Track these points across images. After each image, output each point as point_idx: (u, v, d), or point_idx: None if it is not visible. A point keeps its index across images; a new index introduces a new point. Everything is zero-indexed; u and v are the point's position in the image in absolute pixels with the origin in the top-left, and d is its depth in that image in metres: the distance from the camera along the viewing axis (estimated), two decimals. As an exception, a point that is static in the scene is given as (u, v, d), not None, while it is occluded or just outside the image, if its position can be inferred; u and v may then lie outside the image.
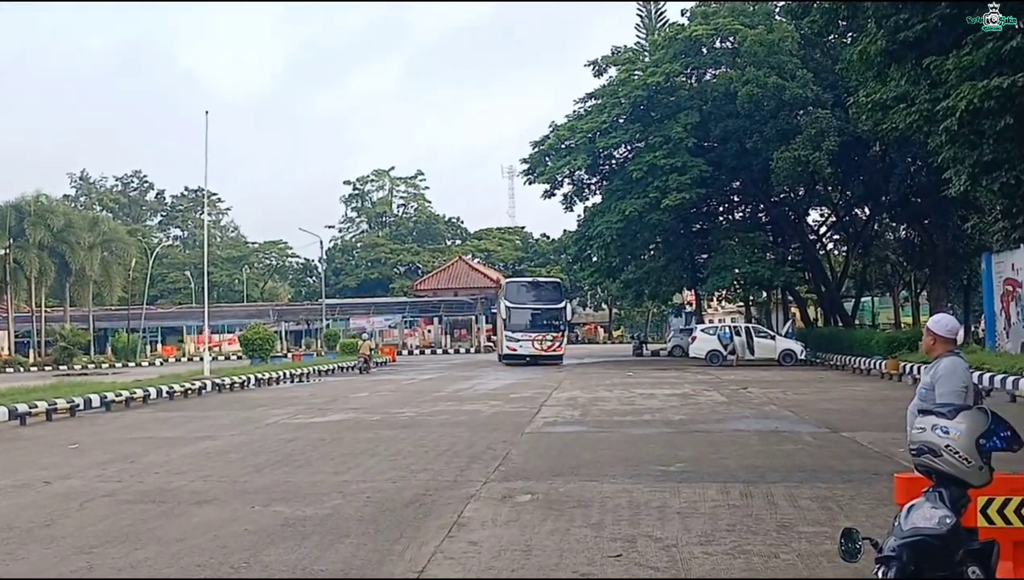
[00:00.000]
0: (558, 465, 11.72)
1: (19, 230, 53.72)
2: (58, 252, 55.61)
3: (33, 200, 55.54)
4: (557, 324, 43.30)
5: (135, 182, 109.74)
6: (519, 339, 42.40)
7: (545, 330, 42.62)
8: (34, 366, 50.31)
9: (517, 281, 49.70)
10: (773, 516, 8.47)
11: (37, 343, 56.32)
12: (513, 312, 43.17)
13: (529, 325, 42.81)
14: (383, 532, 8.13)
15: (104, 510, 9.40)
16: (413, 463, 12.12)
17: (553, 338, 42.70)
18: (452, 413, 19.33)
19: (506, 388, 26.81)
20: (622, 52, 47.36)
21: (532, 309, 43.20)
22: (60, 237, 55.19)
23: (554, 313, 43.36)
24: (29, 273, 53.95)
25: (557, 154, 45.32)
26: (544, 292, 44.73)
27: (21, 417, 18.87)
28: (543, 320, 42.94)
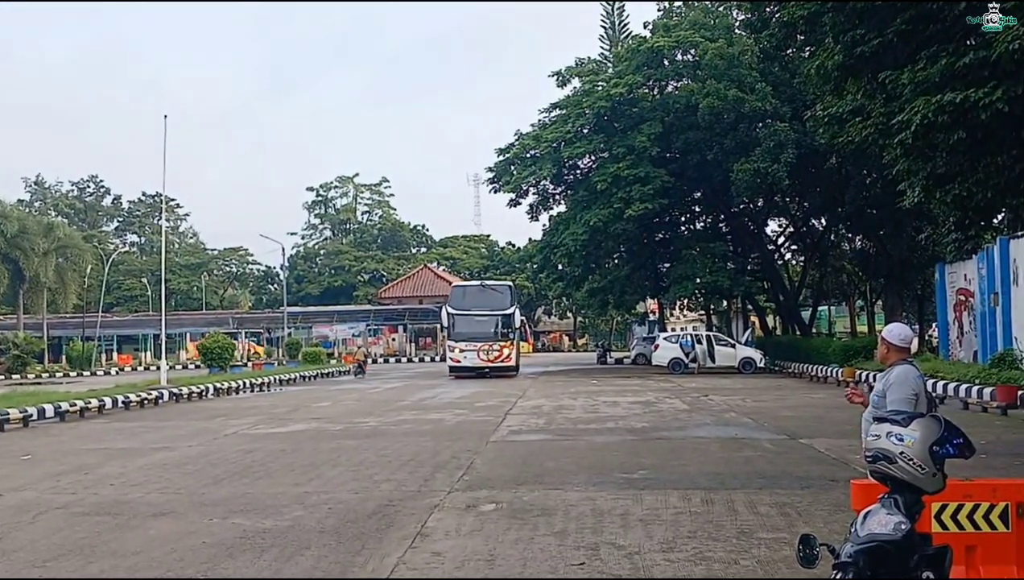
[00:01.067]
0: (522, 474, 11.72)
1: (-29, 236, 52.90)
2: (11, 258, 54.80)
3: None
4: (506, 332, 39.51)
5: (91, 187, 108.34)
6: (463, 350, 38.96)
7: (492, 339, 39.10)
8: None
9: (463, 285, 46.40)
10: (733, 522, 8.54)
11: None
12: (457, 319, 39.58)
13: (474, 334, 39.23)
14: (345, 544, 8.08)
15: (58, 523, 9.25)
16: (376, 473, 12.07)
17: (501, 347, 39.12)
18: (416, 422, 19.27)
19: (471, 397, 26.75)
20: (586, 63, 47.66)
21: (477, 316, 39.46)
22: (13, 243, 54.41)
23: (502, 319, 39.50)
24: (-19, 280, 53.13)
25: (522, 163, 45.39)
26: (491, 297, 40.87)
27: (-27, 427, 18.51)
28: (489, 328, 39.29)
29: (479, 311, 39.56)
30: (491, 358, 38.69)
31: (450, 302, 41.02)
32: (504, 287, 42.78)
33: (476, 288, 43.36)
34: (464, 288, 43.59)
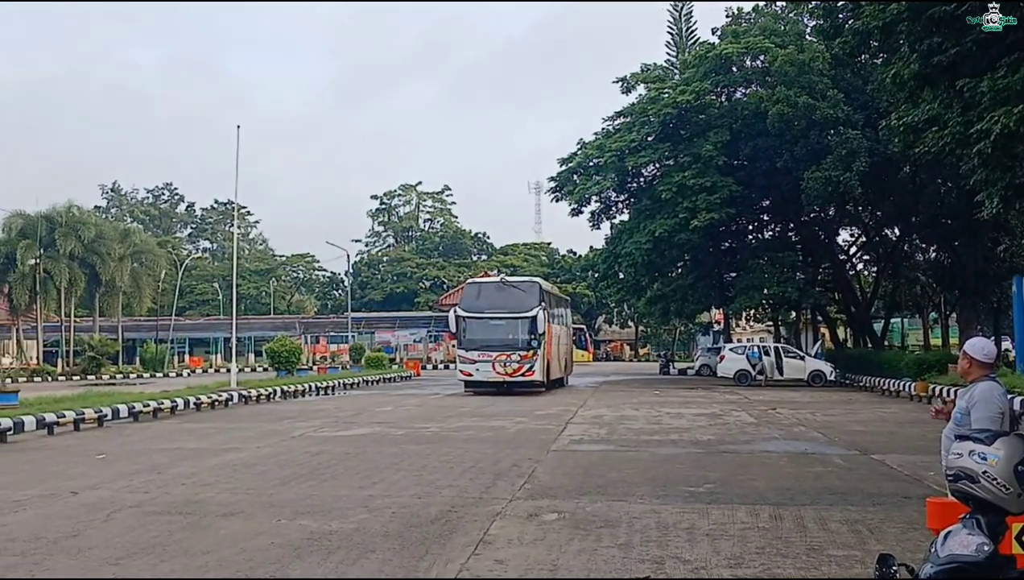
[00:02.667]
0: (585, 484, 11.66)
1: (50, 240, 54.21)
2: (88, 263, 56.09)
3: (64, 211, 56.00)
4: (529, 339, 32.47)
5: (166, 194, 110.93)
6: (475, 360, 32.63)
7: (511, 347, 32.52)
8: (62, 376, 50.67)
9: (477, 282, 38.25)
10: (803, 539, 8.38)
11: (66, 353, 56.78)
12: (469, 324, 33.01)
13: (489, 341, 32.72)
14: (409, 548, 8.11)
15: (131, 521, 9.43)
16: (438, 479, 12.10)
17: (523, 358, 32.31)
18: (477, 429, 19.30)
19: (530, 404, 26.72)
20: (652, 70, 47.36)
21: (492, 318, 32.98)
22: (91, 248, 55.67)
23: (524, 323, 32.60)
24: (59, 283, 54.41)
25: (585, 172, 45.23)
26: (512, 296, 33.63)
27: (49, 426, 18.99)
28: (507, 333, 32.76)
29: (496, 314, 32.94)
30: (510, 371, 32.29)
31: (462, 302, 34.41)
32: (529, 284, 35.31)
33: (494, 285, 35.54)
34: (479, 286, 36.07)
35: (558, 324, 36.57)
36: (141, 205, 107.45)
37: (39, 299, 55.21)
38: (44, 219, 54.57)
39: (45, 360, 56.97)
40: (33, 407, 20.53)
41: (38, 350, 58.03)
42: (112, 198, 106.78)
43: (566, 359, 39.37)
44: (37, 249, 53.88)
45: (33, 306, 55.86)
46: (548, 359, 33.57)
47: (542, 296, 33.82)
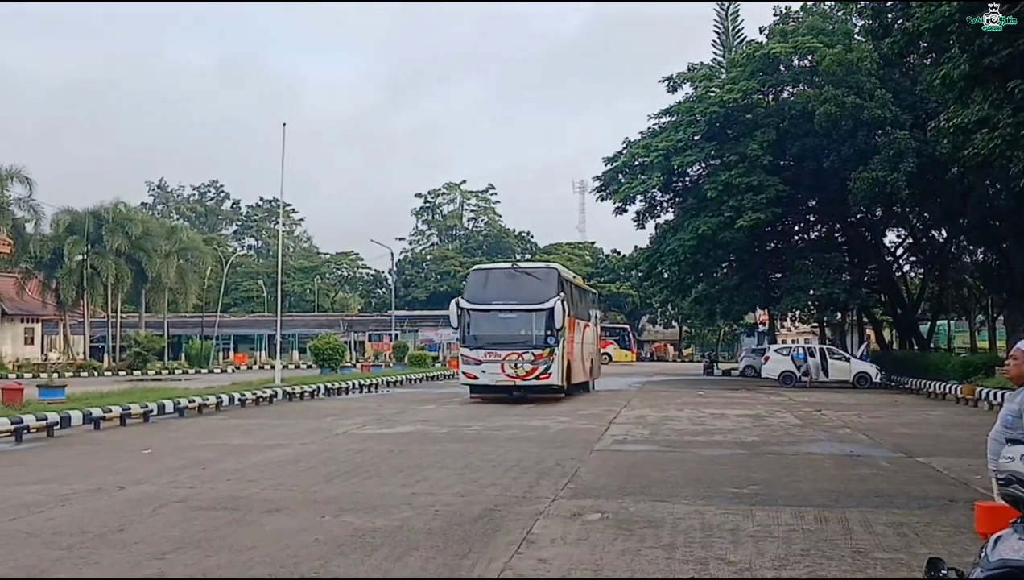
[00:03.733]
0: (628, 484, 11.61)
1: (97, 237, 55.00)
2: (135, 259, 56.86)
3: (112, 208, 56.81)
4: (544, 335, 27.26)
5: (212, 192, 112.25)
6: (481, 360, 27.65)
7: (523, 345, 27.27)
8: (109, 371, 51.39)
9: (484, 268, 32.91)
10: (848, 542, 8.29)
11: (112, 348, 57.63)
12: (473, 317, 28.01)
13: (497, 337, 27.59)
14: (452, 546, 8.12)
15: (176, 516, 9.53)
16: (481, 477, 12.11)
17: (537, 357, 27.15)
18: (520, 428, 19.29)
19: (573, 404, 26.67)
20: (698, 69, 47.08)
21: (501, 311, 27.87)
22: (137, 244, 56.44)
23: (537, 317, 27.41)
24: (106, 279, 55.21)
25: (630, 171, 45.07)
26: (524, 285, 28.31)
27: (95, 421, 19.28)
28: (519, 328, 27.59)
29: (506, 305, 27.80)
30: (521, 373, 27.27)
31: (466, 292, 29.22)
32: (545, 271, 29.86)
33: (503, 272, 30.62)
34: (486, 272, 30.90)
35: (582, 319, 32.15)
36: (187, 202, 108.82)
37: (86, 295, 56.07)
38: (91, 215, 55.38)
39: (92, 355, 57.82)
40: (80, 402, 20.83)
41: (85, 345, 58.92)
42: (158, 195, 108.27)
43: (591, 360, 34.31)
44: (85, 245, 54.67)
45: (80, 302, 56.74)
46: (568, 359, 28.71)
47: (561, 285, 28.42)
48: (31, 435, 17.16)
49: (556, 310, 27.08)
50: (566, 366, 28.35)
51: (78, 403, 20.68)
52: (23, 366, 49.53)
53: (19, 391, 20.24)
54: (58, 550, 7.96)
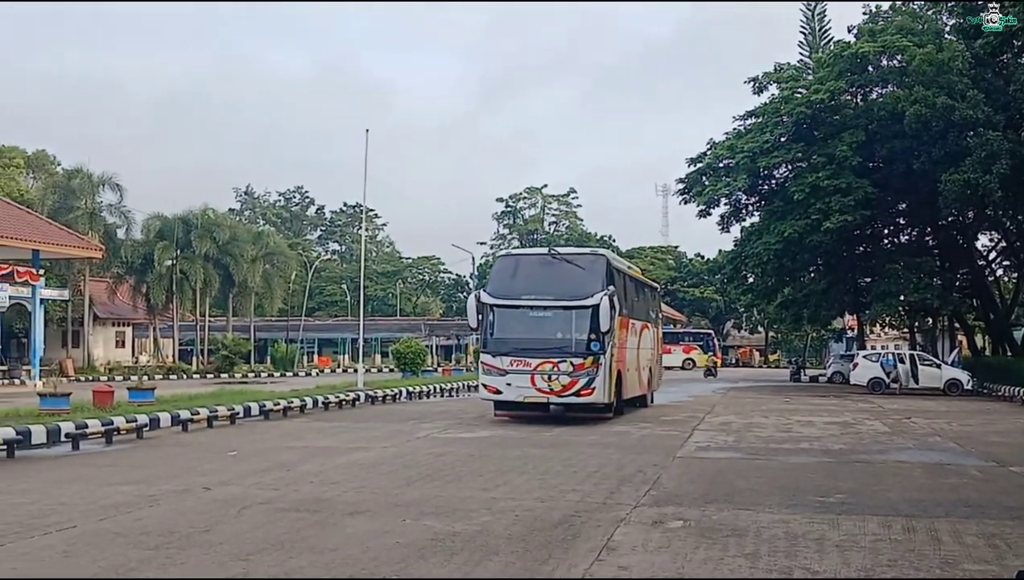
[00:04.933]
0: (711, 492, 11.42)
1: (186, 242, 56.23)
2: (222, 264, 58.01)
3: (200, 213, 58.05)
4: (584, 339, 21.44)
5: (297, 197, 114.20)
6: (506, 370, 21.69)
7: (559, 352, 21.52)
8: (197, 374, 52.54)
9: (513, 254, 26.64)
10: (937, 552, 8.05)
11: (200, 351, 58.92)
12: (497, 315, 22.24)
13: (527, 341, 21.90)
14: (532, 552, 8.06)
15: (261, 517, 9.65)
16: (562, 483, 12.02)
17: (576, 367, 21.29)
18: (601, 434, 19.12)
19: (656, 410, 26.37)
20: (784, 69, 46.29)
21: (533, 308, 22.14)
22: (225, 249, 57.56)
23: (578, 316, 21.67)
24: (194, 283, 56.43)
25: (715, 173, 44.49)
26: (562, 274, 22.37)
27: (183, 423, 19.67)
28: (555, 329, 21.97)
29: (539, 300, 22.04)
30: (557, 387, 21.37)
31: (490, 284, 23.43)
32: (590, 258, 23.60)
33: (537, 258, 24.62)
34: (516, 259, 24.76)
35: (638, 319, 26.21)
36: (273, 208, 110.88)
37: (175, 299, 57.36)
38: (181, 221, 56.65)
39: (181, 358, 59.18)
40: (168, 404, 21.30)
41: (174, 348, 60.33)
42: (246, 201, 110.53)
43: (650, 368, 27.99)
44: (174, 250, 55.95)
45: (169, 306, 58.09)
46: (618, 369, 22.98)
47: (610, 276, 22.51)
48: (121, 436, 17.56)
49: (603, 308, 21.08)
50: (615, 378, 22.46)
51: (167, 405, 21.14)
52: (114, 369, 50.90)
53: (110, 393, 20.76)
54: (145, 550, 8.10)
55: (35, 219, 40.68)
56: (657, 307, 31.86)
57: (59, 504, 10.39)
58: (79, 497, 10.89)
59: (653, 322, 29.57)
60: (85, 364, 52.18)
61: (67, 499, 10.74)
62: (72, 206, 52.90)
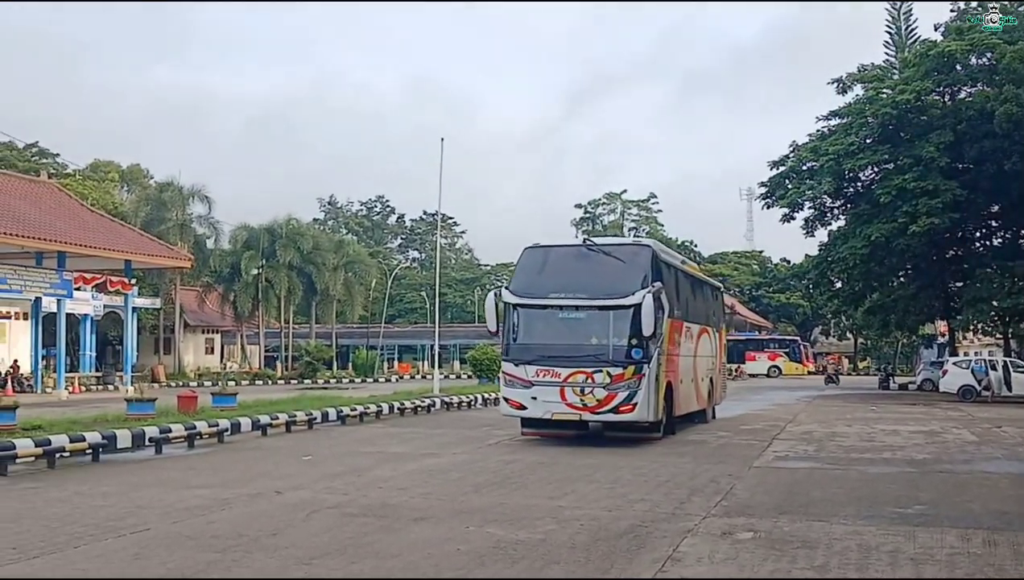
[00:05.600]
0: (785, 502, 11.14)
1: (271, 251, 57.44)
2: (306, 272, 59.05)
3: (284, 223, 59.27)
4: (624, 346, 18.18)
5: (378, 206, 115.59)
6: (531, 381, 18.37)
7: (593, 360, 18.17)
8: (281, 379, 53.52)
9: (542, 246, 20.73)
10: (1017, 568, 7.74)
11: (284, 358, 59.96)
12: (522, 317, 19.03)
13: (555, 346, 18.53)
14: (594, 561, 7.96)
15: (328, 522, 9.72)
16: (631, 492, 11.86)
17: (613, 379, 17.94)
18: (676, 442, 18.84)
19: (736, 419, 25.91)
20: (869, 69, 45.28)
21: (562, 308, 18.72)
22: (308, 258, 58.61)
23: (617, 318, 18.38)
24: (279, 292, 57.56)
25: (798, 176, 43.64)
26: (598, 269, 19.31)
27: (263, 428, 20.02)
28: (588, 334, 18.64)
29: (570, 299, 18.64)
30: (591, 403, 18.01)
31: (514, 281, 19.79)
32: (633, 250, 20.23)
33: (571, 251, 21.26)
34: (545, 251, 20.42)
35: (695, 322, 22.95)
36: (355, 217, 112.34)
37: (261, 306, 58.58)
38: (266, 231, 57.91)
39: (266, 364, 60.34)
40: (250, 409, 21.72)
41: (260, 355, 61.54)
42: (329, 210, 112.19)
43: (711, 379, 24.62)
44: (260, 260, 57.17)
45: (255, 313, 59.32)
46: (668, 380, 19.40)
47: (657, 271, 18.97)
48: (202, 441, 17.97)
49: (646, 307, 17.59)
50: (663, 392, 18.91)
51: (248, 410, 21.56)
52: (203, 374, 52.16)
53: (193, 399, 21.24)
54: (213, 552, 8.22)
55: (127, 231, 41.88)
56: (720, 309, 28.61)
57: (136, 507, 10.63)
58: (156, 500, 11.13)
59: (715, 326, 26.00)
60: (176, 370, 53.67)
61: (144, 502, 10.99)
62: (164, 218, 54.52)
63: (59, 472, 14.08)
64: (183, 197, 55.92)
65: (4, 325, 43.35)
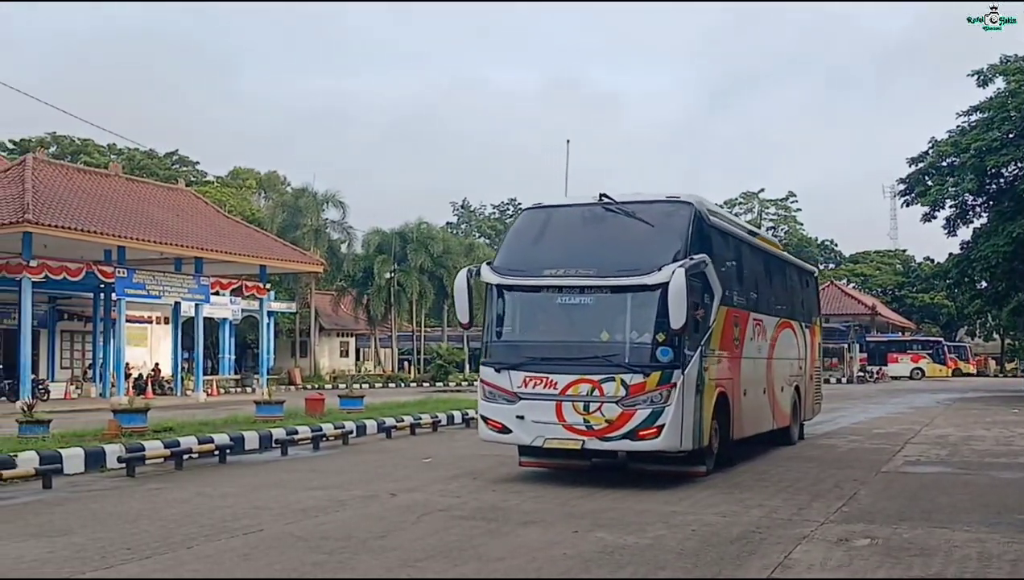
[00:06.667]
0: (908, 508, 10.74)
1: (402, 255, 58.40)
2: (436, 276, 59.82)
3: (416, 227, 60.18)
4: (647, 343, 12.47)
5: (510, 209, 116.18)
6: (519, 392, 12.87)
7: (601, 365, 12.48)
8: (413, 382, 54.43)
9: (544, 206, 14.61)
10: None
11: (417, 360, 60.95)
12: (508, 303, 13.73)
13: (549, 345, 13.23)
14: (701, 568, 7.83)
15: (437, 524, 9.80)
16: (749, 497, 11.60)
17: (630, 391, 12.24)
18: (802, 447, 18.36)
19: (871, 423, 25.04)
20: (1012, 60, 43.17)
21: (561, 290, 13.07)
22: (438, 261, 59.36)
23: (637, 304, 12.66)
24: (411, 295, 58.50)
25: (938, 173, 41.92)
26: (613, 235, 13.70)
27: (387, 430, 20.31)
28: (598, 326, 12.90)
29: (571, 276, 12.99)
30: (600, 425, 12.44)
31: (501, 253, 14.34)
32: (664, 209, 13.77)
33: (577, 212, 14.35)
34: (548, 213, 14.47)
35: (768, 313, 17.06)
36: (487, 221, 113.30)
37: (393, 310, 59.62)
38: (398, 235, 58.92)
39: (399, 367, 61.44)
40: (376, 412, 22.18)
41: (393, 358, 62.70)
42: (462, 214, 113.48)
43: (797, 387, 18.92)
44: (392, 263, 58.22)
45: (388, 316, 60.46)
46: (719, 391, 13.78)
47: (700, 239, 13.32)
48: (328, 443, 18.37)
49: (675, 288, 11.97)
50: (710, 406, 13.27)
51: (374, 413, 22.01)
52: (338, 377, 53.46)
53: (320, 401, 21.81)
54: (321, 554, 8.39)
55: (261, 236, 43.23)
56: (813, 299, 22.14)
57: (253, 508, 10.94)
58: (274, 501, 11.44)
59: (803, 320, 20.10)
60: (312, 373, 55.20)
61: (262, 503, 11.30)
62: (299, 223, 56.12)
63: (185, 473, 14.52)
64: (317, 203, 57.43)
65: (145, 329, 45.49)
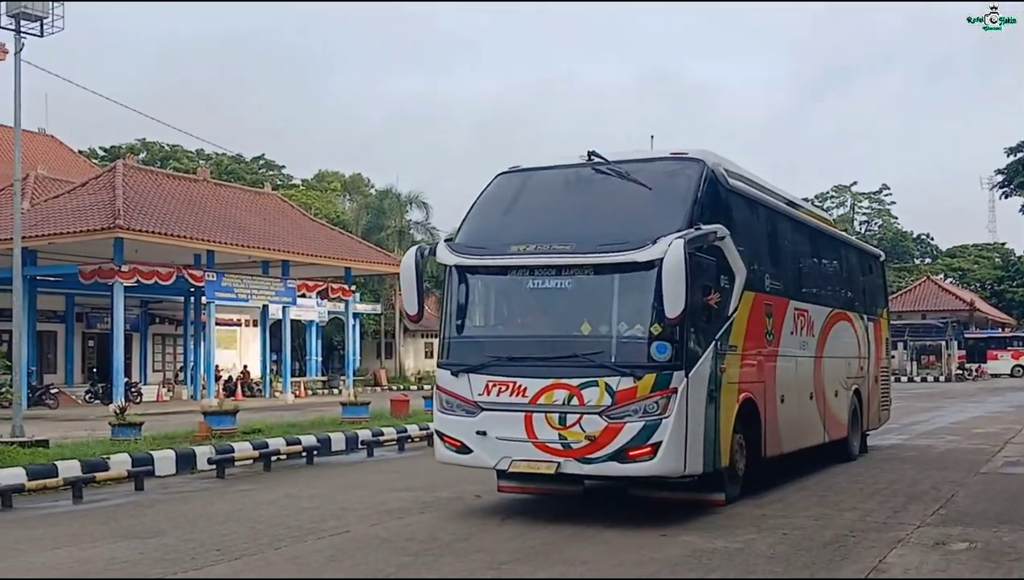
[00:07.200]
0: (1009, 511, 10.34)
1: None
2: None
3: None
4: (639, 337, 9.53)
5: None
6: (480, 402, 10.07)
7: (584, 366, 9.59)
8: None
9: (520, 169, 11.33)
10: None
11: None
12: (470, 290, 10.75)
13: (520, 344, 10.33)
14: (792, 571, 7.63)
15: (521, 527, 9.71)
16: (842, 500, 11.27)
17: (617, 401, 9.35)
18: (899, 447, 17.88)
19: (970, 422, 24.28)
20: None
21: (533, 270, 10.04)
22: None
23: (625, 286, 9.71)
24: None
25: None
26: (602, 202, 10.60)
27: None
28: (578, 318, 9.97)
29: (544, 254, 9.91)
30: (579, 443, 9.50)
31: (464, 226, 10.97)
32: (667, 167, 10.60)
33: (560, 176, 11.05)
34: (524, 178, 11.20)
35: (817, 301, 14.22)
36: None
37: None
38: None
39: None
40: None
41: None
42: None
43: (856, 392, 15.90)
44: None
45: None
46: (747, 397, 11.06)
47: (713, 204, 10.35)
48: (413, 444, 18.45)
49: (670, 265, 9.14)
50: (731, 418, 10.59)
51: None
52: (423, 378, 53.80)
53: (405, 402, 21.94)
54: (405, 556, 8.37)
55: (347, 239, 43.73)
56: (878, 288, 18.69)
57: (340, 509, 11.01)
58: (360, 502, 11.50)
59: (864, 312, 16.80)
60: (397, 374, 55.63)
61: (349, 504, 11.37)
62: (383, 225, 56.56)
63: (274, 474, 14.69)
64: (401, 204, 57.77)
65: (235, 332, 46.35)
